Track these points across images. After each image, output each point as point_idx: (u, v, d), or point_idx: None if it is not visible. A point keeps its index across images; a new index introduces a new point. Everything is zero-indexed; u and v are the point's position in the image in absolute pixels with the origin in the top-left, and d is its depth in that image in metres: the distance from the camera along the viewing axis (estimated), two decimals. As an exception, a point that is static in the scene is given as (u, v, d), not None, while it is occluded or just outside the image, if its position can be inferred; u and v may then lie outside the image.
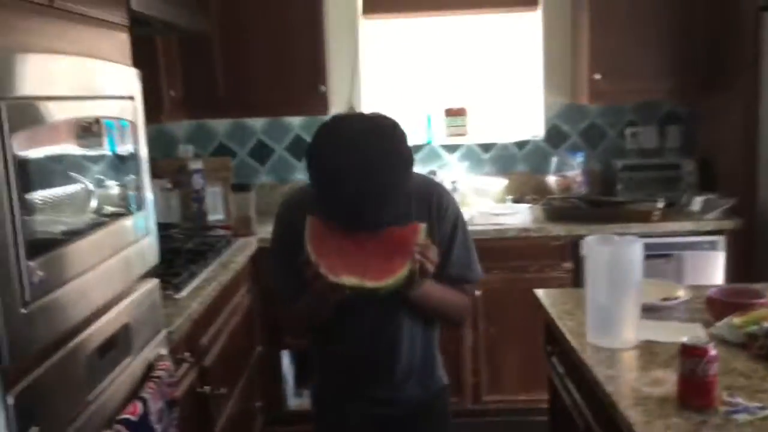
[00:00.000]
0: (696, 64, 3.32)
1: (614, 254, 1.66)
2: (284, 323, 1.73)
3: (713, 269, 3.18)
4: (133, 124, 1.73)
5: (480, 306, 3.14)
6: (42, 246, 1.28)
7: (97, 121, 1.56)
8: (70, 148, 1.46)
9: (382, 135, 1.43)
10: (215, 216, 3.54)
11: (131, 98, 1.74)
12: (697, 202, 3.23)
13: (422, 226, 1.52)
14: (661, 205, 3.20)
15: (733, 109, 3.23)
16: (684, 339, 1.38)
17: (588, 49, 3.33)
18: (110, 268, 1.57)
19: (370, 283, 1.46)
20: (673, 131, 3.71)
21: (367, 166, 1.38)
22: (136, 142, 1.76)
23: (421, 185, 1.68)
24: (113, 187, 1.67)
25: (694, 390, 1.35)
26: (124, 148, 1.71)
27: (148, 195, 1.85)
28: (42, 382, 1.28)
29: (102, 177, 1.59)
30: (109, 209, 1.63)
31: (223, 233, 3.25)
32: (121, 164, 1.70)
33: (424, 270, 1.48)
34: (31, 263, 1.22)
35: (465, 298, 1.75)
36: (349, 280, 1.45)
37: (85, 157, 1.52)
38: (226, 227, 3.33)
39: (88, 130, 1.53)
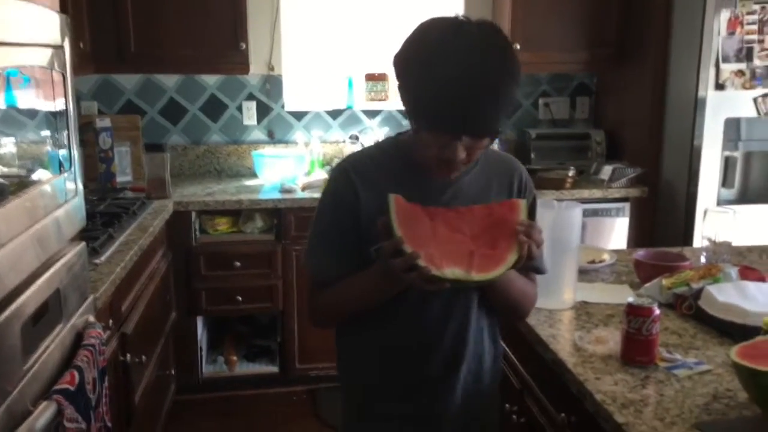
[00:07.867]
0: (609, 38, 3.48)
1: (556, 218, 1.71)
2: (319, 310, 1.46)
3: (618, 234, 3.37)
4: (63, 76, 1.61)
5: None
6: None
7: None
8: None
9: (497, 44, 1.24)
10: (123, 177, 3.38)
11: (60, 47, 1.61)
12: (606, 171, 3.38)
13: (522, 202, 1.32)
14: (572, 173, 3.33)
15: (642, 83, 3.40)
16: (630, 299, 1.44)
17: (509, 19, 3.39)
18: (44, 231, 1.46)
19: (477, 276, 1.22)
20: (583, 103, 3.87)
21: (487, 74, 1.19)
22: (65, 96, 1.63)
23: (499, 159, 1.49)
24: (43, 145, 1.55)
25: (638, 347, 1.42)
26: (52, 104, 1.58)
27: (75, 153, 1.73)
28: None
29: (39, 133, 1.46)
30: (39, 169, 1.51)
31: (134, 195, 3.11)
32: (52, 121, 1.57)
33: (531, 254, 1.26)
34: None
35: (535, 289, 1.51)
36: (453, 272, 1.21)
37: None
38: (138, 189, 3.19)
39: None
